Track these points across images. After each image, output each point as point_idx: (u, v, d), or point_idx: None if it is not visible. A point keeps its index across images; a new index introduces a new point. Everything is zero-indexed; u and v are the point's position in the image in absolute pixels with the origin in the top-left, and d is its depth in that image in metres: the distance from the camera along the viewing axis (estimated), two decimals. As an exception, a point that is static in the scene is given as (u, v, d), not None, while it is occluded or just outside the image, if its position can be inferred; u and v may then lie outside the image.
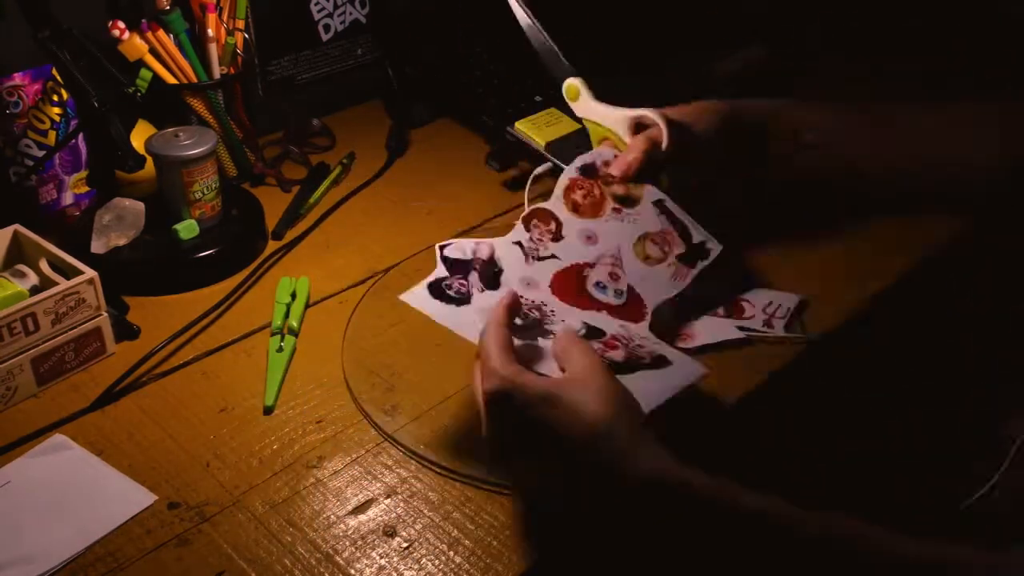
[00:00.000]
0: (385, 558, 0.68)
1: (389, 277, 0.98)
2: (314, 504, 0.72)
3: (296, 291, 0.93)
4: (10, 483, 0.73)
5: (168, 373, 0.85)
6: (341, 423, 0.80)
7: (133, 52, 1.02)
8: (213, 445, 0.77)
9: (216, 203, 1.00)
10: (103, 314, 0.85)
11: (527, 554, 0.68)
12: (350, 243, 1.04)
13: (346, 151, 1.21)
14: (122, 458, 0.76)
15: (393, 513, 0.71)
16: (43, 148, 0.99)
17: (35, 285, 0.86)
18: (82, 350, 0.85)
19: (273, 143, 1.20)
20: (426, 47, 1.31)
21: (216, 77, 1.09)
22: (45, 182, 1.00)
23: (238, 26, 1.10)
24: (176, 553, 0.68)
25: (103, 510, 0.71)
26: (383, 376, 0.84)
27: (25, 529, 0.70)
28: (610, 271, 0.85)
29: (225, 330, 0.91)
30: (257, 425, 0.80)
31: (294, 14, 1.26)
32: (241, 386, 0.84)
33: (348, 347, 0.88)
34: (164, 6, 1.04)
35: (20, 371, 0.81)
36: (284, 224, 1.07)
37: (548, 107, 1.16)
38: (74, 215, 1.03)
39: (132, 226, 0.96)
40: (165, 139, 0.97)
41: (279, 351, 0.87)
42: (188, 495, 0.73)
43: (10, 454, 0.76)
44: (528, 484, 0.70)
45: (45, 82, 0.98)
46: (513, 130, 1.12)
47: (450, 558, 0.68)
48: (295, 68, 1.28)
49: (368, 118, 1.31)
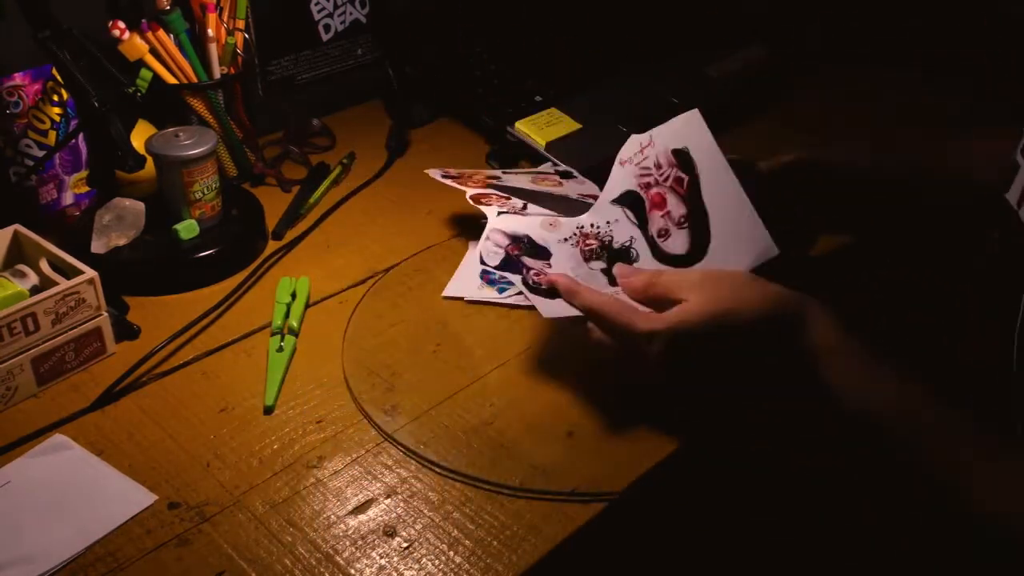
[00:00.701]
0: (385, 558, 0.68)
1: (389, 277, 0.98)
2: (314, 504, 0.72)
3: (296, 291, 0.93)
4: (10, 483, 0.73)
5: (168, 373, 0.85)
6: (341, 423, 0.80)
7: (133, 52, 1.02)
8: (213, 445, 0.77)
9: (216, 203, 1.00)
10: (103, 314, 0.85)
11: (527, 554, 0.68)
12: (350, 243, 1.04)
13: (346, 151, 1.21)
14: (122, 458, 0.76)
15: (393, 513, 0.71)
16: (43, 148, 0.99)
17: (35, 285, 0.86)
18: (82, 350, 0.85)
19: (273, 143, 1.20)
20: (426, 47, 1.31)
21: (216, 77, 1.09)
22: (45, 182, 1.00)
23: (238, 26, 1.10)
24: (176, 553, 0.68)
25: (103, 510, 0.71)
26: (383, 376, 0.84)
27: (25, 529, 0.70)
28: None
29: (225, 330, 0.91)
30: (257, 425, 0.80)
31: (294, 14, 1.26)
32: (241, 386, 0.84)
33: (348, 347, 0.88)
34: (164, 6, 1.04)
35: (20, 371, 0.81)
36: (284, 224, 1.07)
37: (548, 107, 1.16)
38: (74, 215, 1.03)
39: (132, 226, 0.96)
40: (165, 139, 0.97)
41: (279, 351, 0.87)
42: (188, 495, 0.73)
43: (10, 454, 0.76)
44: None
45: (45, 82, 0.98)
46: (513, 130, 1.12)
47: (450, 558, 0.68)
48: (295, 68, 1.28)
49: (368, 118, 1.31)
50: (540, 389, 0.82)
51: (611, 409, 0.80)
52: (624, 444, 0.77)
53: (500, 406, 0.81)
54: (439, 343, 0.88)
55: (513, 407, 0.80)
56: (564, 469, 0.74)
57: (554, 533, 0.69)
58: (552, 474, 0.74)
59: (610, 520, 0.72)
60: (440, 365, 0.85)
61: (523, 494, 0.72)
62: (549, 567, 0.68)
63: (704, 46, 1.33)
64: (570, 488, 0.72)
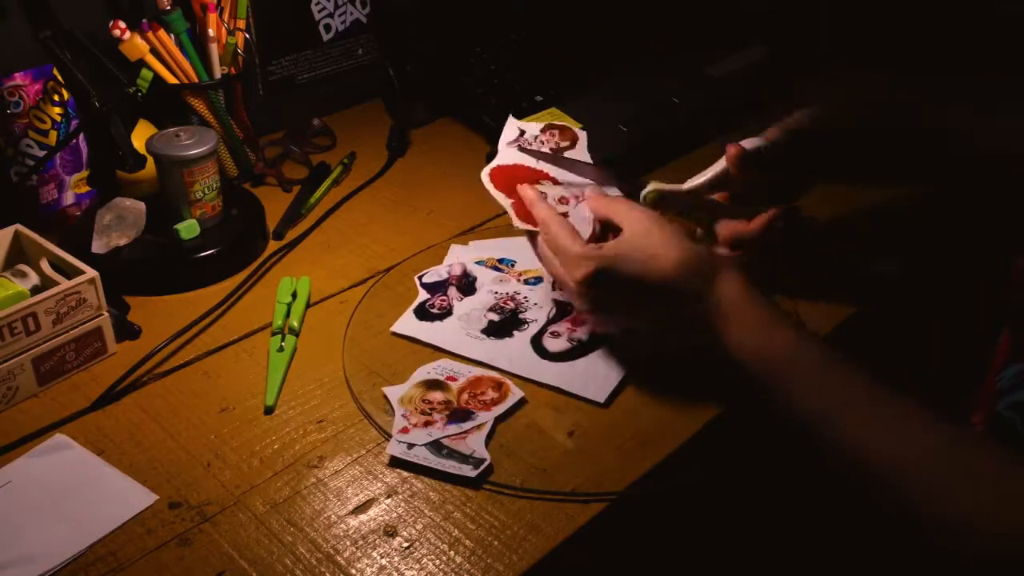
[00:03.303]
0: (386, 558, 0.68)
1: (390, 277, 0.98)
2: (315, 504, 0.72)
3: (297, 291, 0.94)
4: (11, 483, 0.73)
5: (169, 373, 0.85)
6: (342, 423, 0.80)
7: (134, 52, 1.02)
8: (214, 445, 0.77)
9: (217, 203, 1.01)
10: (104, 314, 0.85)
11: (528, 554, 0.68)
12: (351, 243, 1.04)
13: (347, 151, 1.21)
14: (123, 458, 0.76)
15: (394, 513, 0.71)
16: (44, 148, 0.99)
17: (36, 285, 0.86)
18: (83, 350, 0.85)
19: (274, 143, 1.20)
20: (426, 47, 1.31)
21: (217, 77, 1.09)
22: (46, 182, 1.00)
23: (239, 26, 1.10)
24: (177, 553, 0.68)
25: (104, 510, 0.71)
26: (384, 376, 0.84)
27: (26, 529, 0.70)
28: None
29: (226, 330, 0.91)
30: (258, 425, 0.80)
31: (295, 14, 1.26)
32: (242, 386, 0.84)
33: (349, 347, 0.88)
34: (165, 6, 1.04)
35: (21, 371, 0.81)
36: (285, 224, 1.07)
37: (548, 107, 1.16)
38: (75, 215, 1.03)
39: (133, 226, 0.96)
40: (166, 139, 0.98)
41: (280, 351, 0.87)
42: (189, 495, 0.73)
43: (11, 454, 0.76)
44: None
45: (46, 82, 0.98)
46: (514, 130, 1.12)
47: (451, 558, 0.68)
48: (296, 68, 1.28)
49: (369, 118, 1.31)
50: (540, 389, 0.82)
51: (612, 408, 0.80)
52: (625, 444, 0.77)
53: (500, 406, 0.81)
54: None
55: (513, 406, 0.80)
56: (564, 469, 0.74)
57: (554, 533, 0.69)
58: (552, 474, 0.74)
59: (610, 520, 0.72)
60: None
61: (523, 494, 0.72)
62: (549, 567, 0.68)
63: (704, 46, 1.33)
64: (570, 488, 0.73)
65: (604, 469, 0.74)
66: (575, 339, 0.86)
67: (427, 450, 0.75)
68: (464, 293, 0.93)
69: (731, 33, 1.36)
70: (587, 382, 0.82)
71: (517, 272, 0.95)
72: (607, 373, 0.83)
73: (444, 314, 0.90)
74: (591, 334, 0.87)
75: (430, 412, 0.78)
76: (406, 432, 0.76)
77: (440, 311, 0.91)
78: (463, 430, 0.76)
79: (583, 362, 0.84)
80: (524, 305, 0.91)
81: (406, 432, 0.76)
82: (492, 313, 0.90)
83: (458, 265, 0.97)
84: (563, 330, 0.87)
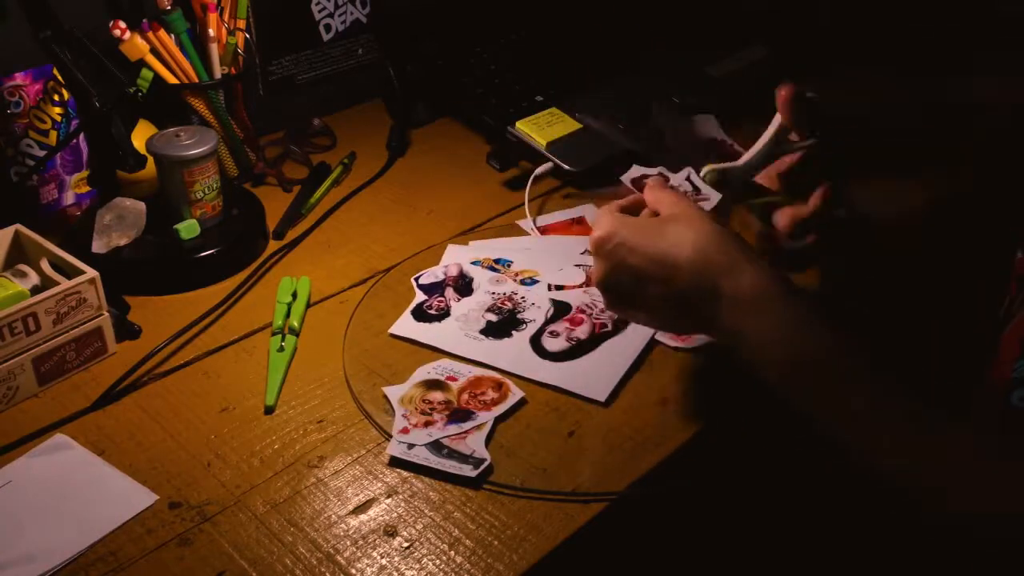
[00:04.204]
0: (386, 558, 0.68)
1: (390, 277, 0.98)
2: (315, 504, 0.72)
3: (297, 291, 0.94)
4: (11, 483, 0.73)
5: (169, 373, 0.85)
6: (342, 423, 0.80)
7: (134, 52, 1.02)
8: (214, 445, 0.78)
9: (217, 203, 1.01)
10: (104, 314, 0.85)
11: (528, 554, 0.68)
12: (351, 243, 1.04)
13: (347, 151, 1.21)
14: (123, 458, 0.76)
15: (394, 513, 0.71)
16: (44, 148, 0.99)
17: (36, 285, 0.86)
18: (83, 350, 0.85)
19: (274, 143, 1.20)
20: (426, 47, 1.31)
21: (217, 77, 1.09)
22: (46, 182, 1.00)
23: (239, 26, 1.10)
24: (177, 553, 0.68)
25: (104, 510, 0.71)
26: (384, 376, 0.84)
27: (26, 529, 0.70)
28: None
29: (226, 330, 0.91)
30: (258, 425, 0.80)
31: (295, 14, 1.26)
32: (242, 386, 0.84)
33: (349, 347, 0.88)
34: (165, 6, 1.04)
35: (21, 371, 0.81)
36: (285, 224, 1.07)
37: (549, 107, 1.16)
38: (75, 215, 1.03)
39: (133, 226, 0.96)
40: (166, 139, 0.98)
41: (280, 351, 0.87)
42: (189, 495, 0.73)
43: (11, 454, 0.76)
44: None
45: (46, 82, 0.98)
46: (514, 130, 1.12)
47: (451, 558, 0.68)
48: (296, 68, 1.28)
49: (369, 118, 1.31)
50: (540, 388, 0.82)
51: (612, 408, 0.80)
52: (624, 444, 0.77)
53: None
54: (440, 343, 0.88)
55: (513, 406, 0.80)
56: (564, 469, 0.74)
57: (555, 533, 0.69)
58: (552, 474, 0.74)
59: (610, 520, 0.72)
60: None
61: (524, 494, 0.72)
62: (550, 567, 0.68)
63: (704, 46, 1.33)
64: (570, 488, 0.73)
65: (604, 469, 0.74)
66: (574, 338, 0.86)
67: (427, 450, 0.75)
68: (461, 294, 0.93)
69: (731, 33, 1.36)
70: (587, 381, 0.82)
71: (513, 272, 0.96)
72: (607, 372, 0.83)
73: (442, 315, 0.90)
74: (591, 334, 0.87)
75: (430, 412, 0.78)
76: (406, 432, 0.76)
77: (438, 312, 0.91)
78: (463, 430, 0.76)
79: (583, 361, 0.84)
80: (522, 305, 0.91)
81: (406, 432, 0.76)
82: (490, 313, 0.90)
83: (454, 266, 0.97)
84: (562, 330, 0.87)
